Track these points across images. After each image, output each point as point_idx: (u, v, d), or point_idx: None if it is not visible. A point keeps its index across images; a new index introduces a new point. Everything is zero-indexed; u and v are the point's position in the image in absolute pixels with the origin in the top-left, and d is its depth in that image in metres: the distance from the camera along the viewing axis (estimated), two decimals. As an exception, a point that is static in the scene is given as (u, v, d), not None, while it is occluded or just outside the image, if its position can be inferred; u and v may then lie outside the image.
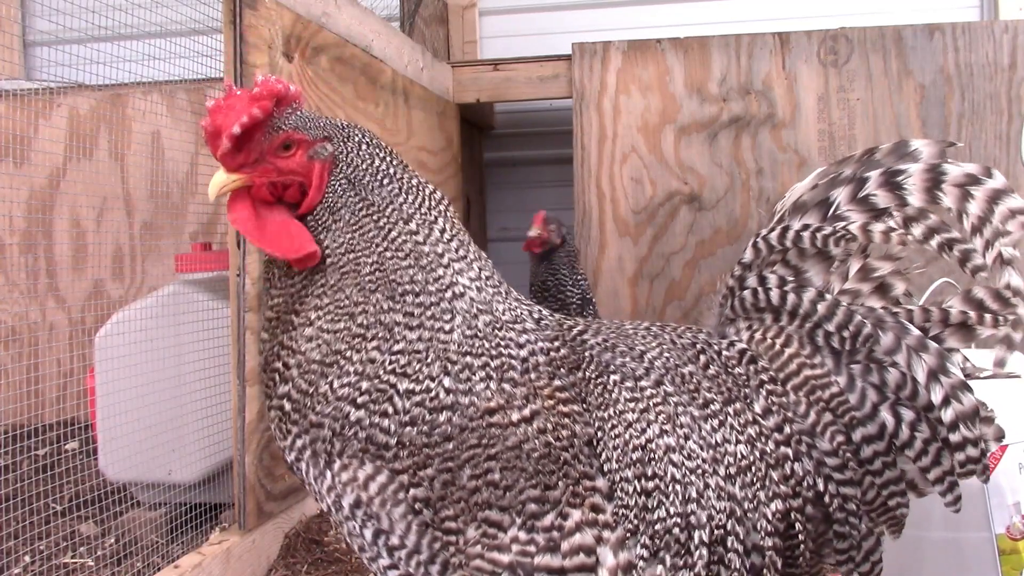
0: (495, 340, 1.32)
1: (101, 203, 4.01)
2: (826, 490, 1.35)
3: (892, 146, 1.43)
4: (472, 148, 4.62)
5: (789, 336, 1.43)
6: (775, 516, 1.33)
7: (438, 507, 1.23)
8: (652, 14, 4.69)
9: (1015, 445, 1.89)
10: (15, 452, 2.95)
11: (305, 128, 1.33)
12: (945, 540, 1.91)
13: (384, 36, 3.20)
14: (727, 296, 1.51)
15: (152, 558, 2.54)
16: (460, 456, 1.23)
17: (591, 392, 1.35)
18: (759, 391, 1.40)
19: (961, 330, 1.37)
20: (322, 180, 1.33)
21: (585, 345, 1.41)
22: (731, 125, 3.75)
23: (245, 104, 1.27)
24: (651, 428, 1.33)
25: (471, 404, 1.26)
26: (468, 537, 1.23)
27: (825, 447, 1.36)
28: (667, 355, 1.43)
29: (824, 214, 1.42)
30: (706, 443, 1.34)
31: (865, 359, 1.38)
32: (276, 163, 1.32)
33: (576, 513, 1.25)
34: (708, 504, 1.30)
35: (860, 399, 1.37)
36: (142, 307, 2.76)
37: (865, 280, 1.43)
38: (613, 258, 3.83)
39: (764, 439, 1.36)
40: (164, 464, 2.67)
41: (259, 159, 1.31)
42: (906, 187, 1.36)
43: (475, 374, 1.28)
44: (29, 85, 4.09)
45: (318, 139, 1.34)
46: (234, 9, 2.21)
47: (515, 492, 1.24)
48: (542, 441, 1.26)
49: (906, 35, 3.62)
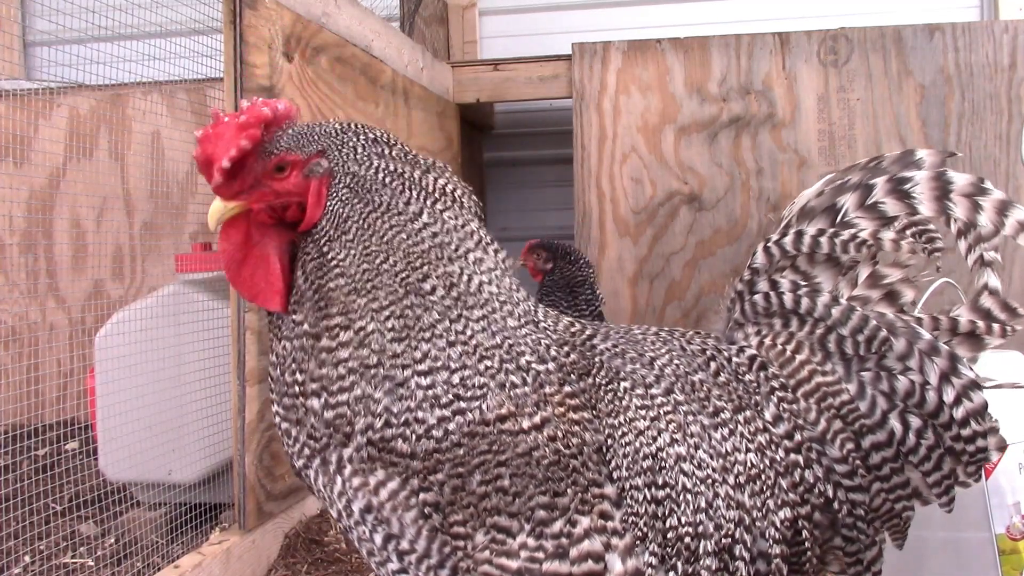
0: (509, 345, 1.31)
1: (101, 203, 4.01)
2: (835, 497, 1.36)
3: (898, 155, 1.45)
4: (472, 148, 4.62)
5: (800, 342, 1.43)
6: (783, 524, 1.33)
7: (447, 512, 1.23)
8: (652, 14, 4.70)
9: (1015, 445, 1.89)
10: (15, 452, 2.96)
11: (298, 147, 1.30)
12: (945, 540, 1.91)
13: (384, 36, 3.20)
14: (735, 300, 1.50)
15: (152, 558, 2.54)
16: (471, 462, 1.23)
17: (601, 399, 1.34)
18: (770, 398, 1.40)
19: (969, 339, 1.39)
20: (320, 196, 1.31)
21: (595, 351, 1.40)
22: (731, 125, 3.75)
23: (233, 134, 1.25)
24: (662, 437, 1.33)
25: (482, 410, 1.25)
26: (477, 542, 1.23)
27: (835, 454, 1.37)
28: (677, 362, 1.42)
29: (832, 220, 1.43)
30: (716, 452, 1.34)
31: (876, 366, 1.39)
32: (272, 186, 1.30)
33: (585, 520, 1.25)
34: (717, 514, 1.30)
35: (871, 407, 1.38)
36: (142, 307, 2.76)
37: (874, 287, 1.44)
38: (613, 258, 3.83)
39: (774, 447, 1.37)
40: (164, 464, 2.67)
41: (255, 184, 1.29)
42: (915, 195, 1.39)
43: (488, 380, 1.27)
44: (29, 85, 4.09)
45: (312, 156, 1.31)
46: (234, 9, 2.21)
47: (524, 498, 1.24)
48: (552, 448, 1.26)
49: (906, 35, 3.62)
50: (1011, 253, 3.49)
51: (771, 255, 1.46)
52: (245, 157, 1.27)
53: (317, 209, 1.31)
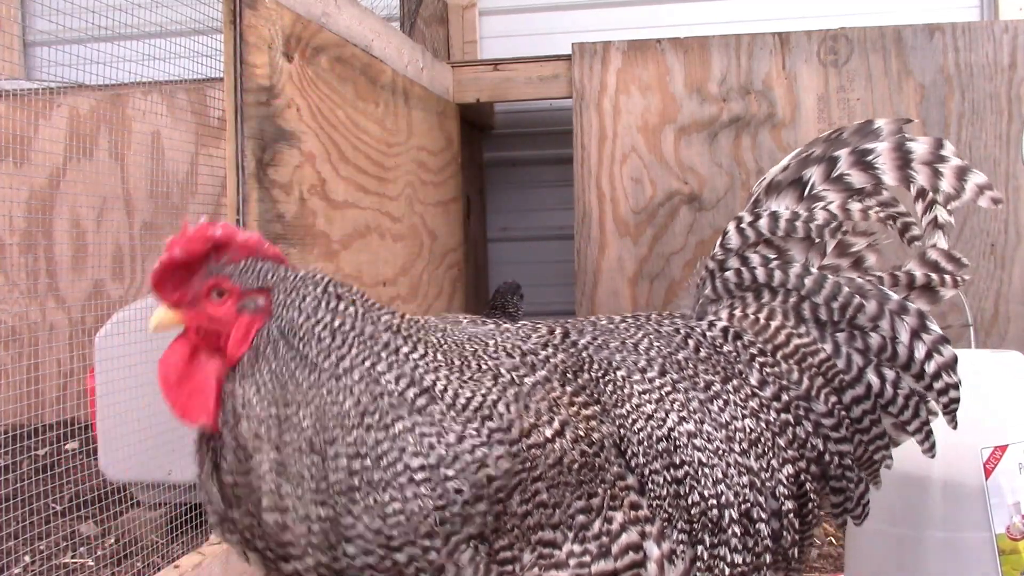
0: (498, 379, 1.28)
1: (101, 203, 4.01)
2: (826, 449, 1.43)
3: (857, 126, 1.51)
4: (472, 148, 4.61)
5: (773, 310, 1.48)
6: (788, 479, 1.39)
7: (492, 540, 1.21)
8: (652, 14, 4.69)
9: (1015, 445, 1.89)
10: (15, 452, 2.96)
11: (239, 278, 1.27)
12: (945, 540, 1.91)
13: (384, 36, 3.20)
14: (705, 279, 1.54)
15: (152, 558, 2.54)
16: (508, 485, 1.22)
17: (603, 392, 1.35)
18: (751, 365, 1.45)
19: (926, 292, 1.47)
20: (247, 333, 1.26)
21: (578, 346, 1.41)
22: (731, 125, 3.75)
23: (178, 242, 1.24)
24: (670, 417, 1.36)
25: (505, 432, 1.23)
26: (524, 562, 1.22)
27: (821, 409, 1.44)
28: (657, 344, 1.45)
29: (800, 194, 1.48)
30: (718, 423, 1.38)
31: (848, 327, 1.45)
32: (206, 309, 1.27)
33: (619, 515, 1.27)
34: (733, 482, 1.35)
35: (847, 364, 1.45)
36: (142, 307, 2.76)
37: (843, 256, 1.49)
38: (613, 258, 3.83)
39: (766, 409, 1.42)
40: (164, 464, 2.67)
41: (192, 302, 1.27)
42: (878, 166, 1.45)
43: (495, 405, 1.25)
44: (29, 85, 4.09)
45: (251, 291, 1.27)
46: (234, 9, 2.20)
47: (563, 507, 1.24)
48: (578, 451, 1.26)
49: (906, 35, 3.62)
50: (1012, 253, 3.49)
51: (745, 236, 1.49)
52: (180, 269, 1.25)
53: (241, 344, 1.26)
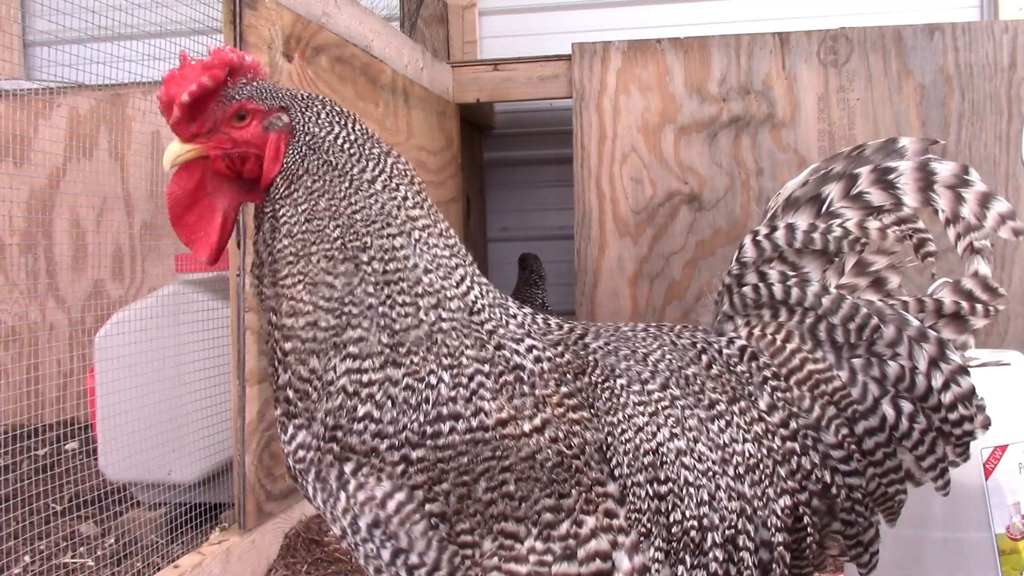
0: (500, 350, 1.30)
1: (101, 203, 4.01)
2: (833, 482, 1.37)
3: (881, 143, 1.46)
4: (472, 148, 4.62)
5: (790, 332, 1.43)
6: (784, 511, 1.34)
7: (454, 521, 1.22)
8: (652, 14, 4.70)
9: (1015, 445, 1.89)
10: (15, 452, 2.96)
11: (260, 98, 1.30)
12: (945, 540, 1.91)
13: (384, 36, 3.20)
14: (723, 293, 1.51)
15: (152, 558, 2.54)
16: (475, 469, 1.22)
17: (599, 397, 1.34)
18: (763, 388, 1.40)
19: (955, 321, 1.41)
20: (278, 151, 1.29)
21: (588, 349, 1.40)
22: (731, 125, 3.75)
23: (196, 73, 1.24)
24: (661, 432, 1.33)
25: (482, 415, 1.24)
26: (485, 550, 1.23)
27: (830, 440, 1.38)
28: (669, 357, 1.43)
29: (817, 211, 1.44)
30: (715, 444, 1.35)
31: (866, 353, 1.39)
32: (230, 134, 1.29)
33: (591, 520, 1.25)
34: (720, 506, 1.31)
35: (862, 393, 1.38)
36: (142, 307, 2.76)
37: (861, 275, 1.44)
38: (613, 258, 3.83)
39: (771, 436, 1.37)
40: (164, 464, 2.67)
41: (213, 129, 1.28)
42: (899, 186, 1.39)
43: (483, 384, 1.26)
44: (29, 85, 4.09)
45: (273, 109, 1.30)
46: (234, 9, 2.20)
47: (530, 502, 1.23)
48: (555, 450, 1.25)
49: (906, 35, 3.62)
50: (1011, 253, 3.49)
51: (761, 249, 1.45)
52: (205, 98, 1.26)
53: (275, 164, 1.29)
